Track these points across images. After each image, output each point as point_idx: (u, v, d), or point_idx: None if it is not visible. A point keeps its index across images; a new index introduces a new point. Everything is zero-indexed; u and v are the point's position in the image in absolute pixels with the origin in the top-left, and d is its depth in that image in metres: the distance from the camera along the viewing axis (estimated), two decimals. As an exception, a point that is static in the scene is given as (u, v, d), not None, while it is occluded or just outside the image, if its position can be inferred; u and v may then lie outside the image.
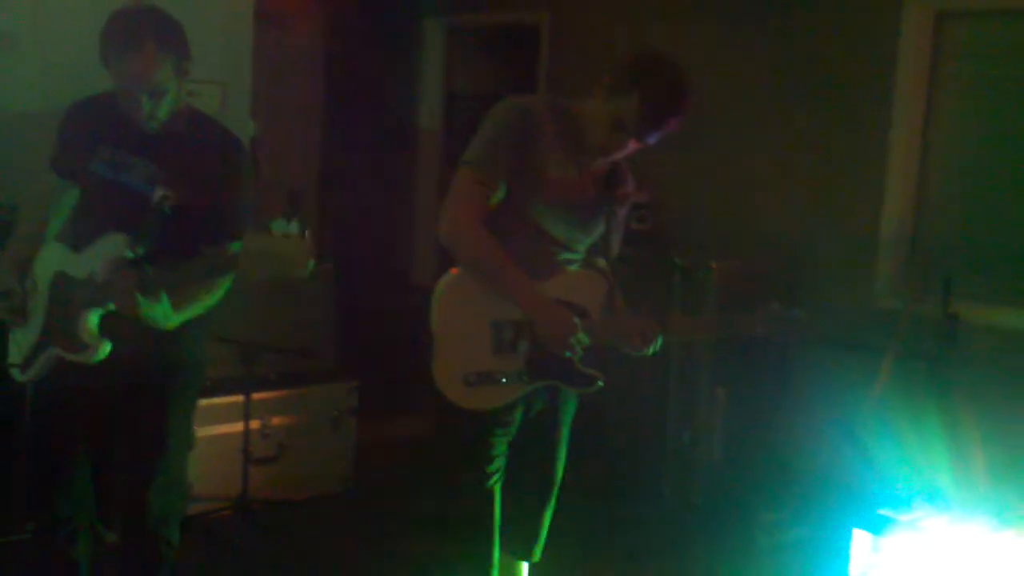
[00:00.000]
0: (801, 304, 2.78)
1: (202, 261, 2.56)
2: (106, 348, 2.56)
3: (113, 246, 2.56)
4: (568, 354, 2.55)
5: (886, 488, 3.44)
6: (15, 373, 2.73)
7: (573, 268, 2.70)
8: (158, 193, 2.58)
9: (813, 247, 4.55)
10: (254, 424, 4.08)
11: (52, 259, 2.69)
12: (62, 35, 3.65)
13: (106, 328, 2.56)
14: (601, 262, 2.78)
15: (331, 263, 4.49)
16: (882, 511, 3.33)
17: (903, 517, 3.31)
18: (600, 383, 2.63)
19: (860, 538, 3.33)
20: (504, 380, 2.57)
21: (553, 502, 2.82)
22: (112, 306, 2.51)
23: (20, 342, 2.72)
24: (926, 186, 4.45)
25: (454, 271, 2.61)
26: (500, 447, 2.65)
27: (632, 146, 2.57)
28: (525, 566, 2.86)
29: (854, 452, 3.73)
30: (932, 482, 3.44)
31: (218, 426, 4.06)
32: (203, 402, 3.92)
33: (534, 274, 2.59)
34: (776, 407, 4.14)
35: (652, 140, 2.56)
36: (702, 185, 4.93)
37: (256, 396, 4.03)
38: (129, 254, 2.52)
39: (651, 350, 2.63)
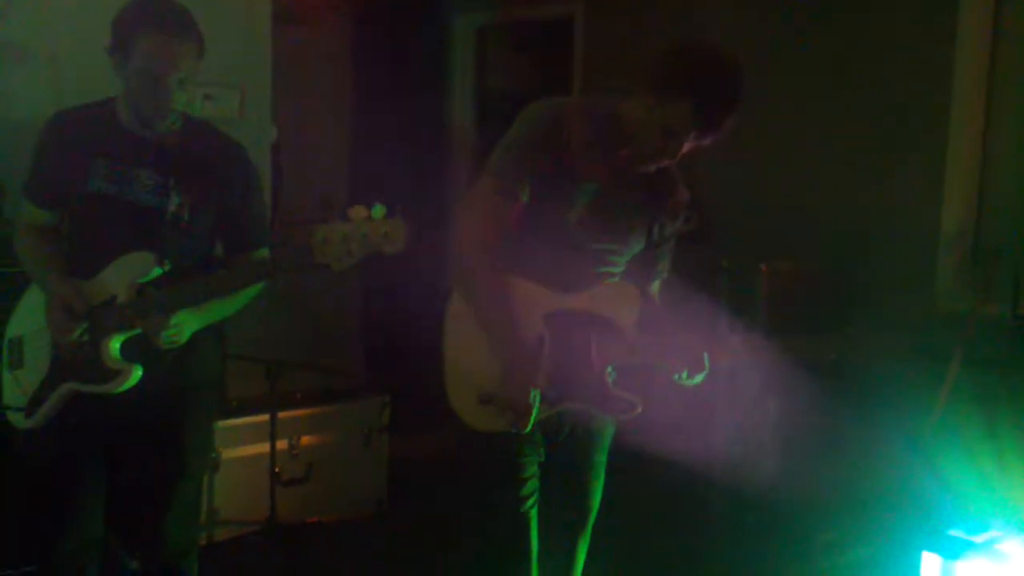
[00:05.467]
0: (858, 309, 2.55)
1: (229, 272, 2.46)
2: (138, 372, 2.43)
3: (139, 265, 2.42)
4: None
5: (958, 507, 3.27)
6: (16, 419, 2.55)
7: (610, 282, 2.51)
8: (174, 201, 2.45)
9: (868, 245, 4.32)
10: (282, 444, 3.98)
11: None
12: (74, 47, 3.54)
13: (126, 351, 2.43)
14: (650, 287, 2.59)
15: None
16: (954, 532, 3.15)
17: (977, 539, 3.13)
18: (638, 409, 2.42)
19: (930, 561, 3.16)
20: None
21: (588, 533, 2.62)
22: (140, 329, 2.40)
23: (22, 383, 2.56)
24: (989, 177, 4.22)
25: None
26: (531, 468, 2.47)
27: (683, 150, 2.37)
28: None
29: (922, 467, 3.53)
30: (1008, 500, 3.25)
31: (244, 447, 3.97)
32: (228, 423, 3.91)
33: (565, 287, 2.42)
34: (833, 418, 3.95)
35: (707, 143, 2.35)
36: (750, 182, 4.70)
37: (283, 415, 3.93)
38: (158, 270, 2.40)
39: (699, 378, 2.39)
